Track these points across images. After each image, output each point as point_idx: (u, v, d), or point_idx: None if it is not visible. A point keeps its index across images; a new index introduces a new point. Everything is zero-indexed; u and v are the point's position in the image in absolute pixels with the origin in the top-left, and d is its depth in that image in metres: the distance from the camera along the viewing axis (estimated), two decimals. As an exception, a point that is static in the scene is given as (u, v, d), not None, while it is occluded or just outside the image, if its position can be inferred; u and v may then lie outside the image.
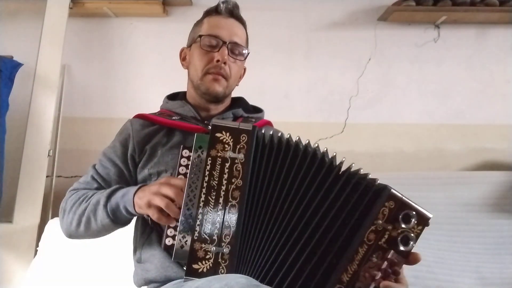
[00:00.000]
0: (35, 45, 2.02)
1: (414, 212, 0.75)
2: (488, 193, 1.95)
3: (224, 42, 1.05)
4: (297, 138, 0.85)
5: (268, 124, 1.20)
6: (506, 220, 1.87)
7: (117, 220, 0.94)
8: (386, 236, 0.75)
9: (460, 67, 2.29)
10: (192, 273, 0.74)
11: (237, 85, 1.16)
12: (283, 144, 0.84)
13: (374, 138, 2.28)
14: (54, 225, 1.67)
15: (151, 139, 1.05)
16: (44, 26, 2.03)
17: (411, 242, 0.75)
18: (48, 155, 1.96)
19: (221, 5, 1.08)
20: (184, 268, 0.86)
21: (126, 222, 0.98)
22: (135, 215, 0.93)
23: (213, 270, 0.74)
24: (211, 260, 0.75)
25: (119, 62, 2.29)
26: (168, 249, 0.82)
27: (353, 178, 0.80)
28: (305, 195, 0.81)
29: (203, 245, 0.76)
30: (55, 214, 1.87)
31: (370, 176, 0.80)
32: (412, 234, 0.75)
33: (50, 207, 2.06)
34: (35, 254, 1.68)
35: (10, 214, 1.86)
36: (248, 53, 1.12)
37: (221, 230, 0.77)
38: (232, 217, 0.77)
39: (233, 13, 1.09)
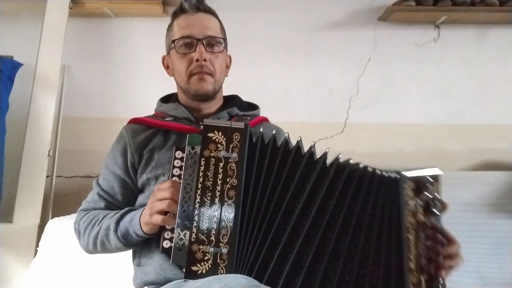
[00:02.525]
0: (35, 45, 2.02)
1: (427, 177, 0.81)
2: (488, 193, 1.94)
3: (198, 39, 1.02)
4: (287, 134, 0.85)
5: (265, 120, 1.18)
6: (506, 220, 1.86)
7: (129, 243, 0.95)
8: (420, 210, 0.80)
9: (460, 67, 2.29)
10: (192, 275, 0.74)
11: (226, 76, 1.13)
12: (281, 144, 0.84)
13: (374, 138, 2.28)
14: (54, 225, 1.66)
15: (148, 143, 1.04)
16: (44, 26, 2.04)
17: (438, 201, 0.81)
18: (48, 155, 1.96)
19: (185, 3, 1.05)
20: (184, 270, 0.86)
21: (138, 244, 0.98)
22: (145, 237, 0.92)
23: (213, 271, 0.74)
24: (210, 261, 0.74)
25: (119, 62, 2.29)
26: (166, 252, 0.81)
27: (355, 174, 0.81)
28: (311, 196, 0.80)
29: (201, 247, 0.75)
30: (55, 214, 1.86)
31: (362, 165, 0.81)
32: (435, 193, 0.81)
33: (50, 207, 2.05)
34: (35, 254, 1.67)
35: (10, 214, 1.86)
36: (226, 41, 1.08)
37: (218, 230, 0.76)
38: (229, 217, 0.77)
39: (199, 6, 1.06)
